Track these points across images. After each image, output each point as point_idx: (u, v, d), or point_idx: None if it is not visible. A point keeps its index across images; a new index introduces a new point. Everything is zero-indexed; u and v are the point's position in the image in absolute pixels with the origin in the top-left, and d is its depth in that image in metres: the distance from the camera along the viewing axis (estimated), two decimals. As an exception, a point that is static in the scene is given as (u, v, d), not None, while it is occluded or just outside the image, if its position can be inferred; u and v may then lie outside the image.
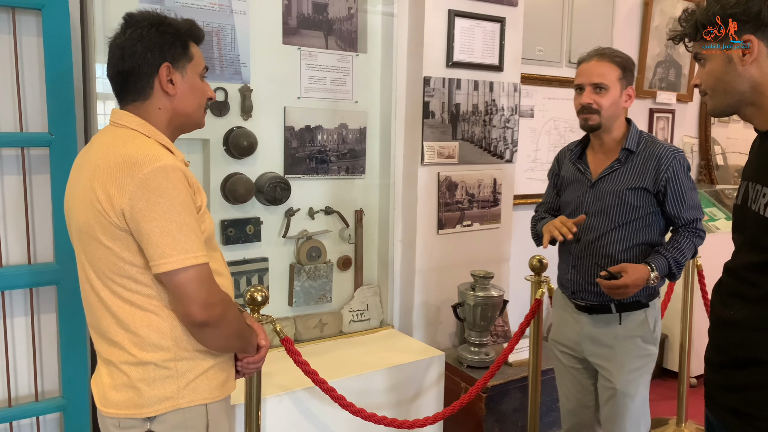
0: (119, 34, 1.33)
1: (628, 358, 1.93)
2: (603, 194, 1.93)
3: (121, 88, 1.34)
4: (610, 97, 1.90)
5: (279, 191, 2.39)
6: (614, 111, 1.92)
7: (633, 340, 1.93)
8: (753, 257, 1.20)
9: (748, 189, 1.24)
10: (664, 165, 1.86)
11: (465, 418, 2.61)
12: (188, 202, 1.25)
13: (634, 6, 3.78)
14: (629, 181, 1.90)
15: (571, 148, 2.09)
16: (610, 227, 1.92)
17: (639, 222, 1.90)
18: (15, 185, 1.96)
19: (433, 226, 2.79)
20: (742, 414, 1.22)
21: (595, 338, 1.98)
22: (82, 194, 1.28)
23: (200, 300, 1.24)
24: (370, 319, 2.76)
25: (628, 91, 1.93)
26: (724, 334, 1.27)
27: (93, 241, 1.26)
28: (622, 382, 1.93)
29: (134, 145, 1.25)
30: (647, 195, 1.89)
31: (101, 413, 1.35)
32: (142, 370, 1.28)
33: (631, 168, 1.91)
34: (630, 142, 1.92)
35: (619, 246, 1.91)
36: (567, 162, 2.08)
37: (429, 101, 2.69)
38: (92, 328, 1.36)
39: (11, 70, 1.92)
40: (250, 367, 1.49)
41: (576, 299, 2.01)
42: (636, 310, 1.94)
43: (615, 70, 1.90)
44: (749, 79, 1.21)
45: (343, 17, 2.61)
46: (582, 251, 1.97)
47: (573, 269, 2.00)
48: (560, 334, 2.11)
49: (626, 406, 1.94)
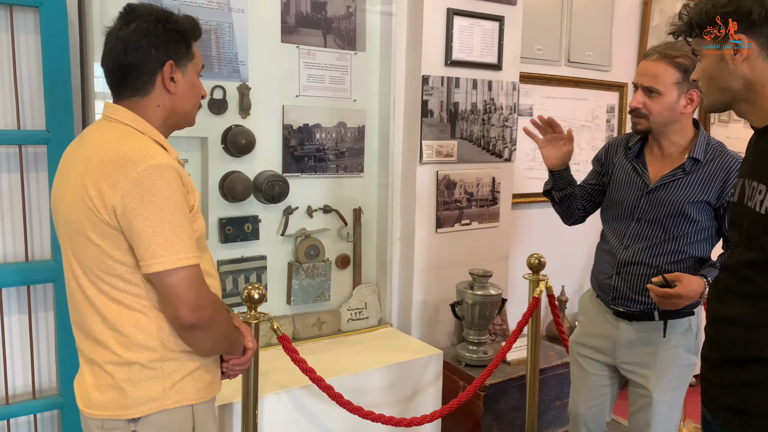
0: (122, 26, 1.29)
1: (668, 367, 1.84)
2: (660, 203, 1.80)
3: (120, 81, 1.31)
4: (664, 102, 1.73)
5: (277, 189, 2.39)
6: (667, 117, 1.75)
7: (675, 349, 1.84)
8: (749, 254, 1.20)
9: (744, 186, 1.24)
10: (733, 179, 1.70)
11: (463, 416, 2.61)
12: (182, 202, 1.23)
13: (634, 5, 3.78)
14: (692, 193, 1.76)
15: (629, 143, 1.92)
16: (663, 238, 1.81)
17: (694, 236, 1.79)
18: (12, 182, 1.96)
19: (431, 225, 2.79)
20: (739, 411, 1.22)
21: (634, 346, 1.89)
22: (72, 190, 1.25)
23: (190, 302, 1.22)
24: (368, 317, 2.76)
25: (690, 95, 1.73)
26: (720, 331, 1.27)
27: (82, 238, 1.24)
28: (659, 391, 1.85)
29: (128, 141, 1.23)
30: (707, 209, 1.76)
31: (84, 414, 1.32)
32: (128, 370, 1.26)
33: (695, 179, 1.76)
34: (697, 150, 1.76)
35: (669, 258, 1.81)
36: (621, 157, 1.92)
37: (428, 100, 2.69)
38: (76, 326, 1.33)
39: (9, 67, 1.92)
40: (236, 369, 1.47)
41: (616, 305, 1.91)
42: (680, 318, 1.84)
43: (673, 73, 1.72)
44: (741, 77, 1.21)
45: (342, 16, 2.61)
46: (630, 258, 1.87)
47: (617, 275, 1.89)
48: (589, 339, 2.02)
49: (661, 414, 1.87)
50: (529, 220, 3.35)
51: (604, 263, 1.96)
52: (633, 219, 1.87)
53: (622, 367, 1.95)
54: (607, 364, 1.99)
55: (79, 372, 1.37)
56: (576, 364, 2.09)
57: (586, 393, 2.05)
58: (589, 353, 2.02)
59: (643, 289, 1.83)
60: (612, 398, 2.06)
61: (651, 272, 1.83)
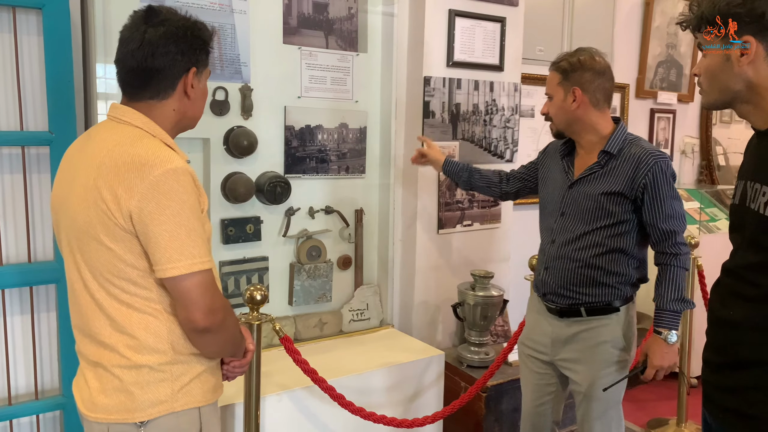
0: (147, 28, 1.27)
1: (596, 363, 1.89)
2: (580, 196, 1.89)
3: (141, 83, 1.29)
4: (556, 104, 1.91)
5: (279, 190, 2.39)
6: (564, 116, 1.90)
7: (603, 345, 1.88)
8: (753, 257, 1.19)
9: (746, 188, 1.23)
10: (643, 169, 1.78)
11: (465, 417, 2.61)
12: (196, 206, 1.23)
13: (635, 6, 3.78)
14: (606, 185, 1.84)
15: (562, 143, 2.04)
16: (585, 230, 1.87)
17: (614, 228, 1.84)
18: (15, 184, 1.96)
19: (433, 226, 2.79)
20: (742, 415, 1.21)
21: (566, 342, 1.94)
22: (82, 192, 1.23)
23: (204, 306, 1.22)
24: (369, 318, 2.76)
25: (573, 92, 1.86)
26: (724, 334, 1.26)
27: (93, 241, 1.23)
28: (591, 388, 1.90)
29: (143, 145, 1.22)
30: (624, 200, 1.82)
31: (86, 418, 1.30)
32: (136, 373, 1.25)
33: (609, 171, 1.84)
34: (611, 145, 1.85)
35: (592, 251, 1.86)
36: (556, 156, 2.03)
37: (429, 101, 2.69)
38: (78, 329, 1.32)
39: (11, 68, 1.92)
40: (236, 371, 1.48)
41: (548, 301, 1.97)
42: (608, 315, 1.89)
43: (556, 76, 1.91)
44: (745, 79, 1.20)
45: (344, 17, 2.61)
46: (555, 253, 1.93)
47: (546, 271, 1.97)
48: (531, 336, 2.07)
49: (597, 410, 1.92)
50: (530, 221, 3.34)
51: (538, 261, 2.06)
52: (559, 213, 1.94)
53: (559, 364, 1.98)
54: (550, 363, 2.02)
55: (79, 375, 1.36)
56: (523, 363, 2.12)
57: (532, 391, 2.08)
58: (532, 352, 2.06)
59: (570, 284, 1.89)
60: (558, 397, 2.07)
61: (575, 267, 1.88)
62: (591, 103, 1.87)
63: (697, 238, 2.95)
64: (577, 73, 1.86)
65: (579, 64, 1.87)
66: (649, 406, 3.31)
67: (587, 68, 1.86)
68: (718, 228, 3.75)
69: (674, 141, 4.19)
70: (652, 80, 3.94)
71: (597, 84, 1.87)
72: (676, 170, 4.26)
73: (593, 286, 1.87)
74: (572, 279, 1.89)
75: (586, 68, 1.86)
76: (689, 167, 4.37)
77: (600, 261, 1.86)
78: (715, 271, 1.82)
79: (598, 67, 1.88)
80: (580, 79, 1.86)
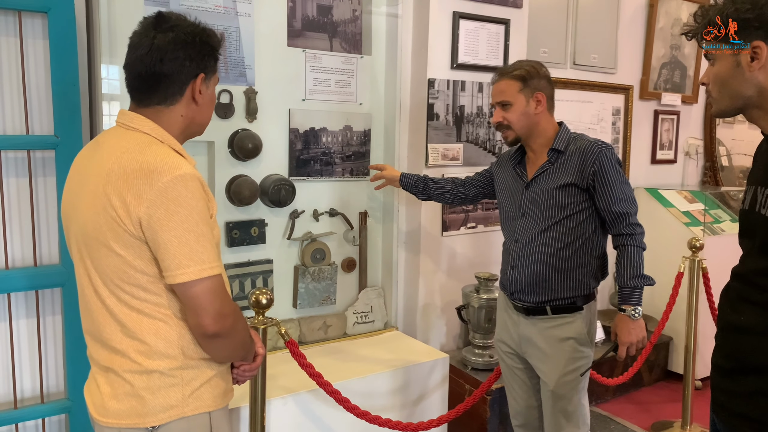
0: (156, 33, 1.27)
1: (562, 360, 1.95)
2: (536, 194, 1.97)
3: (148, 89, 1.29)
4: (517, 110, 1.95)
5: (284, 193, 2.39)
6: (526, 121, 1.96)
7: (567, 342, 1.95)
8: (763, 262, 1.19)
9: (756, 193, 1.23)
10: (590, 159, 1.88)
11: (469, 420, 2.61)
12: (205, 212, 1.24)
13: (639, 7, 3.78)
14: (558, 179, 1.93)
15: (512, 154, 2.11)
16: (545, 226, 1.94)
17: (572, 219, 1.92)
18: (21, 187, 1.96)
19: (437, 228, 2.79)
20: (753, 420, 1.20)
21: (532, 340, 2.00)
22: (91, 199, 1.24)
23: (214, 311, 1.23)
24: (374, 321, 2.76)
25: (536, 97, 1.94)
26: (734, 339, 1.26)
27: (102, 247, 1.23)
28: (556, 384, 1.95)
29: (152, 151, 1.23)
30: (577, 191, 1.91)
31: (98, 423, 1.31)
32: (147, 378, 1.26)
33: (559, 166, 1.94)
34: (558, 143, 1.95)
35: (555, 245, 1.93)
36: (507, 166, 2.11)
37: (433, 103, 2.69)
38: (89, 334, 1.32)
39: (17, 72, 1.92)
40: (246, 374, 1.48)
41: (514, 300, 2.03)
42: (571, 313, 1.95)
43: (514, 84, 1.95)
44: (756, 84, 1.20)
45: (348, 19, 2.61)
46: (520, 251, 2.00)
47: (512, 269, 2.02)
48: (502, 335, 2.13)
49: (563, 407, 1.97)
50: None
51: (503, 261, 2.11)
52: (519, 215, 2.01)
53: (529, 361, 2.05)
54: (523, 359, 2.08)
55: (90, 379, 1.36)
56: (502, 362, 2.17)
57: (516, 388, 2.13)
58: (508, 349, 2.12)
59: (537, 280, 1.95)
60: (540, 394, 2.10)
61: (540, 264, 1.95)
62: (547, 108, 1.98)
63: (701, 240, 2.94)
64: (534, 80, 1.96)
65: (535, 72, 1.97)
66: (653, 408, 3.30)
67: (542, 75, 1.98)
68: (723, 230, 3.74)
69: (678, 142, 4.19)
70: (656, 82, 3.93)
71: (549, 90, 1.99)
72: (681, 172, 4.28)
73: (559, 280, 1.94)
74: (538, 275, 1.95)
75: (541, 75, 1.98)
76: (693, 169, 4.36)
77: (564, 254, 1.93)
78: (719, 273, 1.81)
79: (547, 74, 2.00)
80: (539, 85, 1.97)
